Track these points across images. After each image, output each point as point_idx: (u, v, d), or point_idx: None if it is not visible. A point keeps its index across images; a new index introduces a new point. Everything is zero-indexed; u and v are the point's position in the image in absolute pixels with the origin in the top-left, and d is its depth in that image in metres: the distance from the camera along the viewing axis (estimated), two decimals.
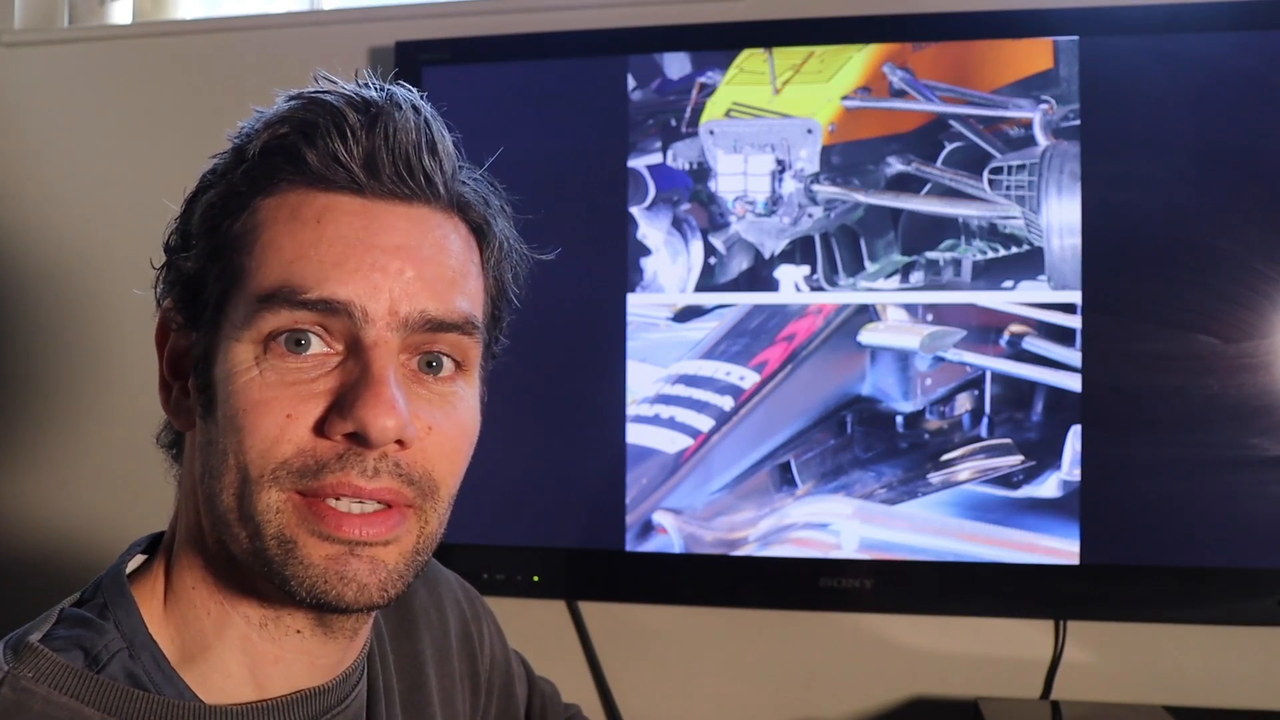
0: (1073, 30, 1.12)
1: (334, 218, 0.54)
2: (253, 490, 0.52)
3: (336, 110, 0.54)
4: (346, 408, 0.51)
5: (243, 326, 0.53)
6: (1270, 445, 1.07)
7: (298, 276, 0.52)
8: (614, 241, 1.20)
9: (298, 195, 0.54)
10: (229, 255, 0.55)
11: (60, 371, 1.42)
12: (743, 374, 1.18)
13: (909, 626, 1.20)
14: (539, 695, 0.82)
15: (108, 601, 0.56)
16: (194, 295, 0.57)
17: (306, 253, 0.53)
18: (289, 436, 0.52)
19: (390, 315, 0.53)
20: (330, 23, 1.39)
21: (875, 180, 1.16)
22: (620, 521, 1.20)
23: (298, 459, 0.52)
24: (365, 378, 0.52)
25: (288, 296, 0.52)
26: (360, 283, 0.52)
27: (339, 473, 0.52)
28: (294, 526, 0.52)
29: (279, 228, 0.54)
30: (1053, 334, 1.12)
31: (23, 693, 0.51)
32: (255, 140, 0.55)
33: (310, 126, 0.54)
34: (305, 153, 0.54)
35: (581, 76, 1.23)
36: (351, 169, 0.54)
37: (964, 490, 1.13)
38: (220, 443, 0.53)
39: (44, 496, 1.41)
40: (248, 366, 0.53)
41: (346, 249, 0.53)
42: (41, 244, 1.43)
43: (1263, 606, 1.07)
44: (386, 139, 0.54)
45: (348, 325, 0.53)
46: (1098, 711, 1.11)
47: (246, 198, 0.55)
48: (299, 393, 0.52)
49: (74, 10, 1.51)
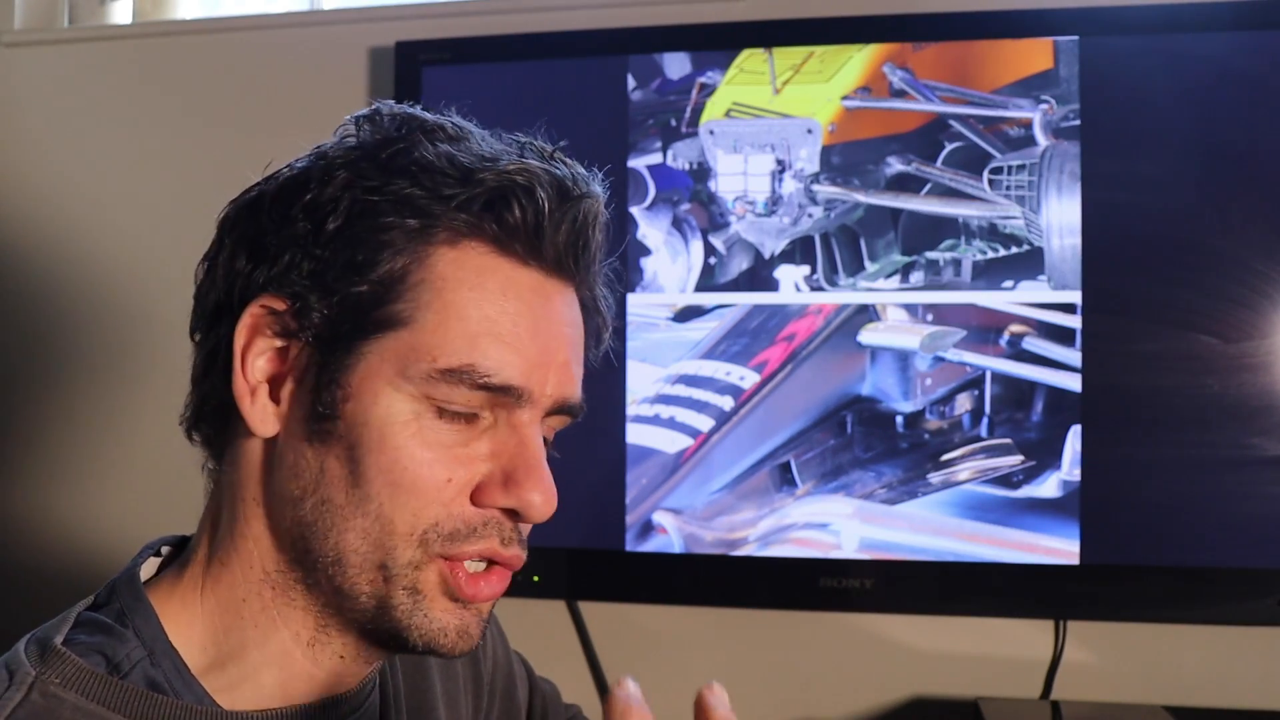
0: (1073, 30, 1.12)
1: (517, 293, 0.55)
2: (397, 544, 0.53)
3: (540, 179, 0.54)
4: (511, 485, 0.54)
5: (409, 380, 0.53)
6: (1270, 445, 1.07)
7: (481, 356, 0.53)
8: (614, 241, 1.20)
9: (480, 257, 0.54)
10: (395, 295, 0.54)
11: (60, 371, 1.42)
12: (743, 374, 1.18)
13: (909, 626, 1.20)
14: (540, 696, 0.82)
15: (125, 607, 0.56)
16: (332, 313, 0.54)
17: (491, 329, 0.54)
18: (444, 500, 0.53)
19: (544, 397, 0.56)
20: (330, 23, 1.39)
21: (875, 180, 1.16)
22: (620, 521, 1.20)
23: (449, 524, 0.53)
24: (524, 457, 0.54)
25: (471, 378, 0.53)
26: (532, 367, 0.54)
27: (485, 540, 0.54)
28: (430, 585, 0.54)
29: (463, 293, 0.54)
30: (1053, 334, 1.12)
31: (52, 698, 0.51)
32: (469, 187, 0.54)
33: (522, 190, 0.54)
34: (508, 214, 0.54)
35: (581, 76, 1.23)
36: (543, 241, 0.55)
37: (964, 490, 1.13)
38: (362, 488, 0.53)
39: (60, 502, 1.41)
40: (407, 420, 0.53)
41: (526, 333, 0.54)
42: (42, 244, 1.43)
43: (1263, 606, 1.07)
44: (574, 219, 0.56)
45: (505, 400, 0.54)
46: (1098, 711, 1.11)
47: (423, 244, 0.54)
48: (456, 456, 0.54)
49: (74, 10, 1.51)
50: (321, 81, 1.36)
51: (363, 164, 0.55)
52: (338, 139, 0.58)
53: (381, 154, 0.55)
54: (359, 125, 0.58)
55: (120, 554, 0.62)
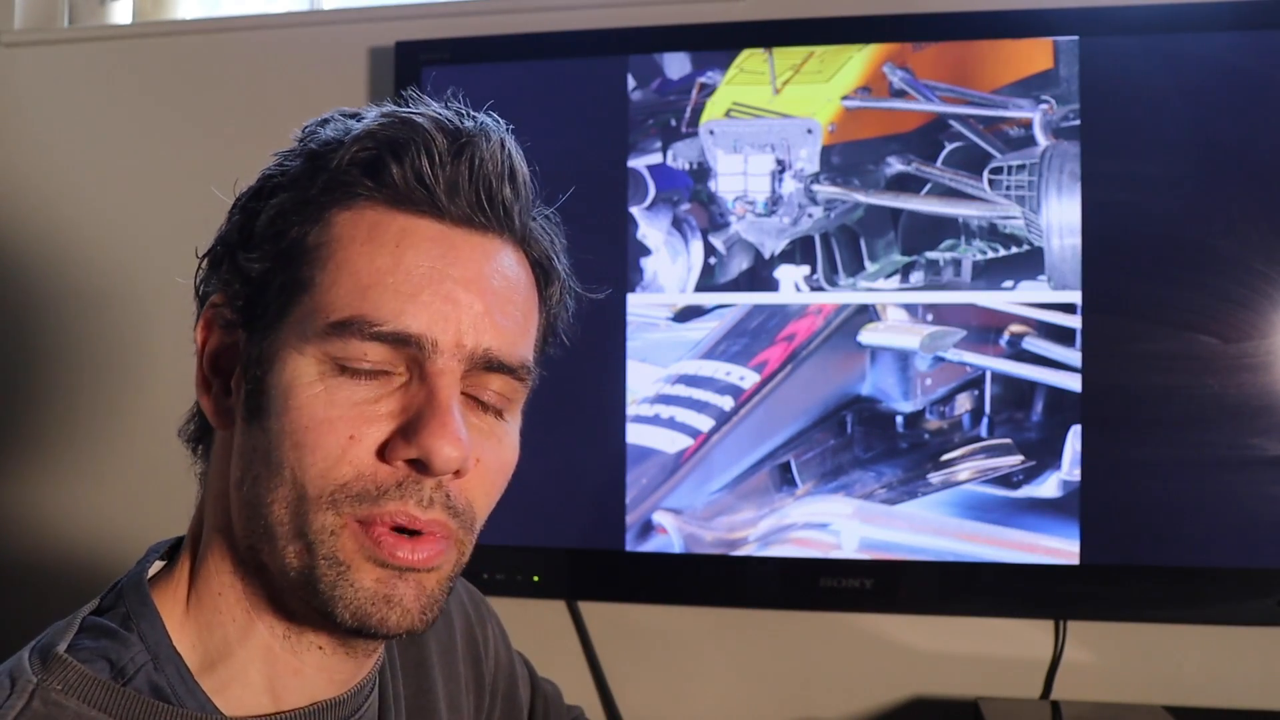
0: (1073, 30, 1.12)
1: (412, 242, 0.54)
2: (309, 509, 0.52)
3: (426, 132, 0.54)
4: (412, 434, 0.52)
5: (308, 341, 0.53)
6: (1270, 445, 1.07)
7: (371, 307, 0.52)
8: (614, 241, 1.20)
9: (376, 213, 0.54)
10: (297, 264, 0.54)
11: (64, 373, 1.42)
12: (743, 374, 1.18)
13: (909, 626, 1.20)
14: (542, 698, 0.82)
15: (130, 611, 0.56)
16: (252, 296, 0.55)
17: (383, 280, 0.53)
18: (350, 458, 0.52)
19: (457, 347, 0.53)
20: (330, 23, 1.39)
21: (875, 180, 1.16)
22: (620, 521, 1.20)
23: (357, 483, 0.52)
24: (431, 405, 0.52)
25: (361, 328, 0.52)
26: (434, 315, 0.53)
27: (397, 501, 0.52)
28: (349, 551, 0.52)
29: (355, 248, 0.54)
30: (1053, 334, 1.12)
31: (53, 706, 0.51)
32: (342, 151, 0.55)
33: (399, 144, 0.54)
34: (390, 169, 0.54)
35: (581, 76, 1.23)
36: (434, 191, 0.54)
37: (964, 490, 1.13)
38: (275, 455, 0.53)
39: (59, 502, 1.41)
40: (311, 381, 0.53)
41: (422, 280, 0.53)
42: (42, 244, 1.43)
43: (1263, 606, 1.07)
44: (471, 165, 0.55)
45: (414, 353, 0.53)
46: (1098, 711, 1.11)
47: (322, 208, 0.55)
48: (362, 414, 0.52)
49: (74, 10, 1.51)
50: (321, 81, 1.36)
51: (283, 155, 0.58)
52: None
53: (304, 143, 0.57)
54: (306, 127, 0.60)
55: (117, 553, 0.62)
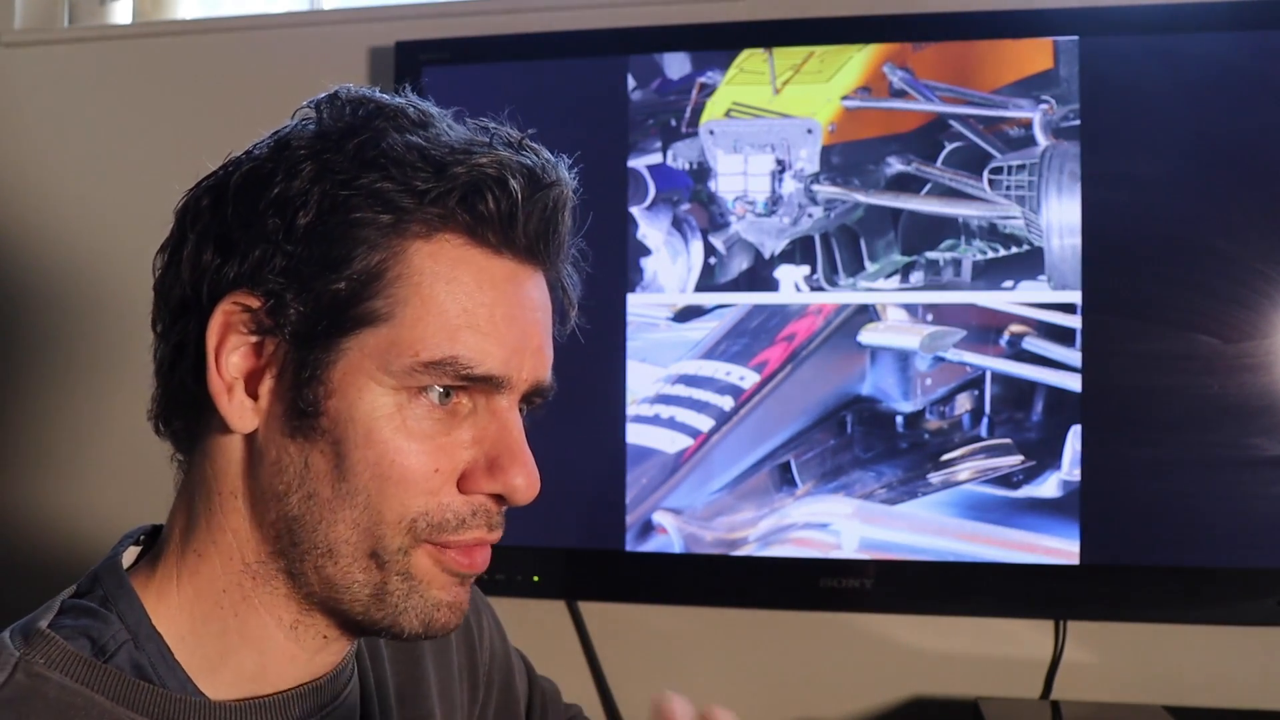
0: (1073, 30, 1.12)
1: (493, 283, 0.56)
2: (385, 533, 0.54)
3: (510, 169, 0.55)
4: (496, 471, 0.55)
5: (393, 375, 0.54)
6: (1270, 445, 1.07)
7: (464, 349, 0.54)
8: (614, 241, 1.20)
9: (456, 249, 0.55)
10: (373, 292, 0.54)
11: (60, 370, 1.42)
12: (743, 374, 1.18)
13: (909, 626, 1.20)
14: (540, 692, 0.82)
15: (108, 594, 0.56)
16: (308, 311, 0.54)
17: (471, 321, 0.54)
18: (432, 490, 0.54)
19: (521, 382, 0.57)
20: (330, 23, 1.39)
21: (875, 180, 1.16)
22: (620, 521, 1.20)
23: (437, 513, 0.55)
24: (507, 442, 0.56)
25: (454, 370, 0.54)
26: (508, 354, 0.55)
27: (474, 529, 0.56)
28: (423, 567, 0.55)
29: (439, 286, 0.54)
30: (1053, 334, 1.12)
31: (36, 678, 0.51)
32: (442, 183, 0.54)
33: (494, 182, 0.54)
34: (480, 206, 0.54)
35: (581, 76, 1.23)
36: (514, 231, 0.55)
37: (964, 490, 1.13)
38: (349, 481, 0.54)
39: (45, 493, 1.41)
40: (391, 414, 0.54)
41: (502, 320, 0.55)
42: (42, 243, 1.43)
43: (1263, 606, 1.07)
44: (544, 206, 0.57)
45: (486, 388, 0.56)
46: (1098, 711, 1.11)
47: (401, 236, 0.54)
48: (441, 446, 0.55)
49: (74, 10, 1.51)
50: (321, 81, 1.35)
51: (329, 155, 0.54)
52: (297, 124, 0.58)
53: (348, 144, 0.55)
54: (319, 110, 0.58)
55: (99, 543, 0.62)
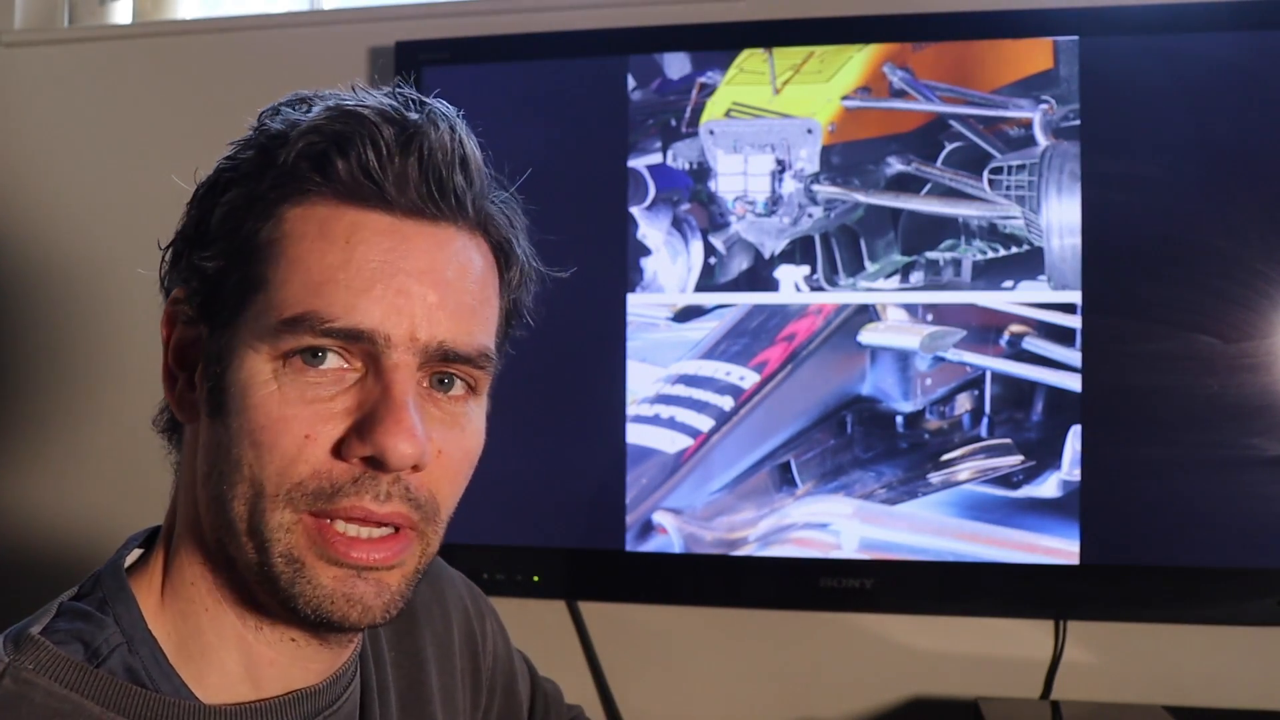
0: (1073, 30, 1.12)
1: (363, 237, 0.53)
2: (266, 507, 0.52)
3: (371, 123, 0.53)
4: (366, 431, 0.52)
5: (262, 339, 0.53)
6: (1270, 445, 1.07)
7: (323, 303, 0.52)
8: (614, 241, 1.20)
9: (326, 209, 0.54)
10: (251, 261, 0.54)
11: (60, 369, 1.42)
12: (743, 374, 1.18)
13: (909, 626, 1.20)
14: (542, 695, 0.82)
15: (107, 596, 0.56)
16: (210, 292, 0.56)
17: (334, 276, 0.52)
18: (306, 457, 0.52)
19: (411, 340, 0.53)
20: (330, 23, 1.39)
21: (875, 180, 1.16)
22: (620, 521, 1.20)
23: (313, 480, 0.52)
24: (385, 401, 0.52)
25: (313, 324, 0.52)
26: (385, 309, 0.52)
27: (353, 496, 0.52)
28: (303, 548, 0.53)
29: (306, 244, 0.53)
30: (1053, 334, 1.12)
31: (24, 684, 0.51)
32: (288, 147, 0.54)
33: (344, 138, 0.53)
34: (337, 164, 0.53)
35: (581, 76, 1.23)
36: (383, 184, 0.53)
37: (964, 490, 1.13)
38: (234, 452, 0.53)
39: (43, 493, 1.41)
40: (266, 379, 0.52)
41: (373, 275, 0.52)
42: (41, 243, 1.43)
43: (1263, 606, 1.07)
44: (420, 156, 0.53)
45: (369, 349, 0.53)
46: (1098, 711, 1.11)
47: (273, 204, 0.54)
48: (317, 411, 0.52)
49: (74, 10, 1.51)
50: (321, 81, 1.33)
51: (236, 147, 0.57)
52: None
53: (254, 135, 0.57)
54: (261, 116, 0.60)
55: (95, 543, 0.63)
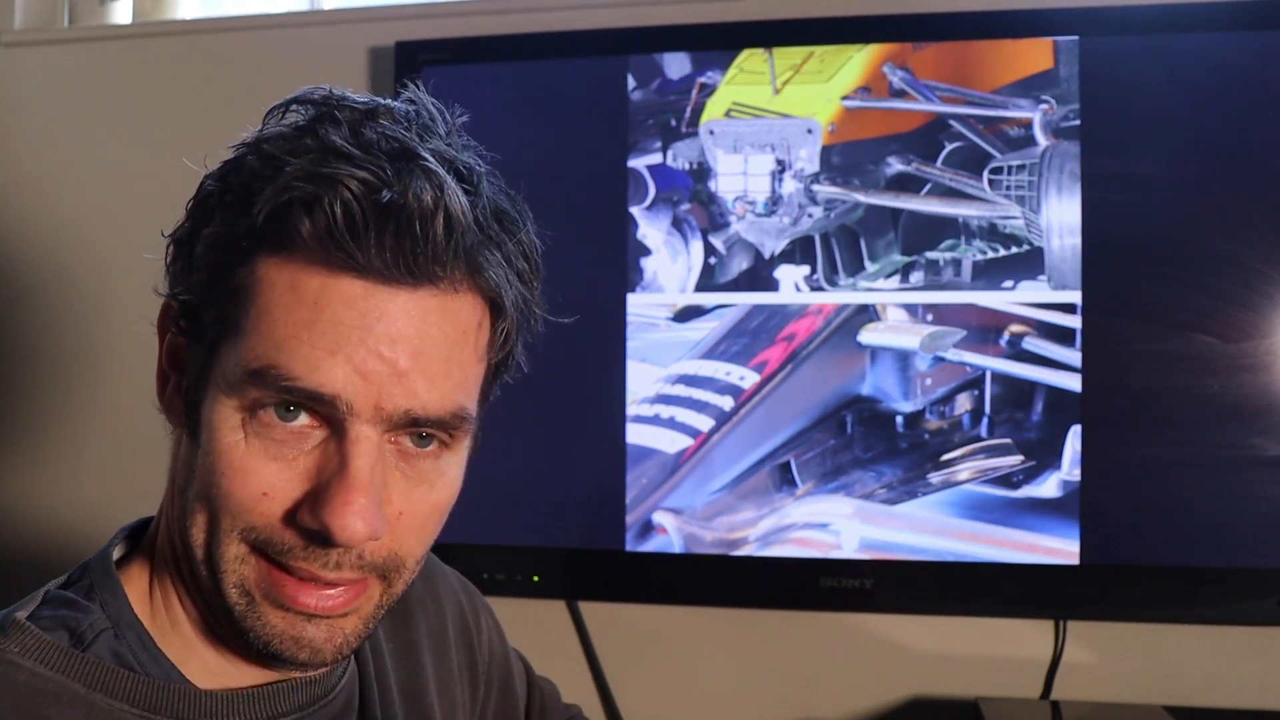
0: (1073, 30, 1.12)
1: (330, 300, 0.50)
2: (221, 538, 0.52)
3: (340, 184, 0.49)
4: (317, 506, 0.50)
5: (230, 388, 0.51)
6: (1270, 445, 1.07)
7: (285, 360, 0.50)
8: (614, 241, 1.20)
9: (298, 265, 0.51)
10: (226, 303, 0.52)
11: (56, 368, 1.42)
12: (743, 374, 1.18)
13: (909, 626, 1.20)
14: (539, 693, 0.82)
15: (94, 583, 0.56)
16: (192, 318, 0.55)
17: (300, 334, 0.50)
18: (261, 511, 0.51)
19: (375, 411, 0.50)
20: (330, 23, 1.39)
21: (875, 180, 1.16)
22: (620, 521, 1.20)
23: (264, 533, 0.52)
24: (340, 477, 0.50)
25: (274, 380, 0.50)
26: (349, 378, 0.50)
27: (301, 560, 0.52)
28: (252, 582, 0.53)
29: (275, 297, 0.51)
30: (1053, 334, 1.12)
31: (7, 665, 0.51)
32: (262, 201, 0.50)
33: (314, 199, 0.49)
34: (304, 226, 0.49)
35: (581, 76, 1.23)
36: (352, 251, 0.49)
37: (964, 490, 1.13)
38: (201, 482, 0.53)
39: (39, 489, 1.41)
40: (233, 427, 0.52)
41: (340, 339, 0.50)
42: (41, 243, 1.43)
43: (1263, 606, 1.07)
44: (396, 218, 0.49)
45: (332, 413, 0.51)
46: (1098, 711, 1.11)
47: (248, 252, 0.52)
48: (278, 470, 0.51)
49: (74, 10, 1.51)
50: (321, 81, 1.35)
51: (230, 163, 0.55)
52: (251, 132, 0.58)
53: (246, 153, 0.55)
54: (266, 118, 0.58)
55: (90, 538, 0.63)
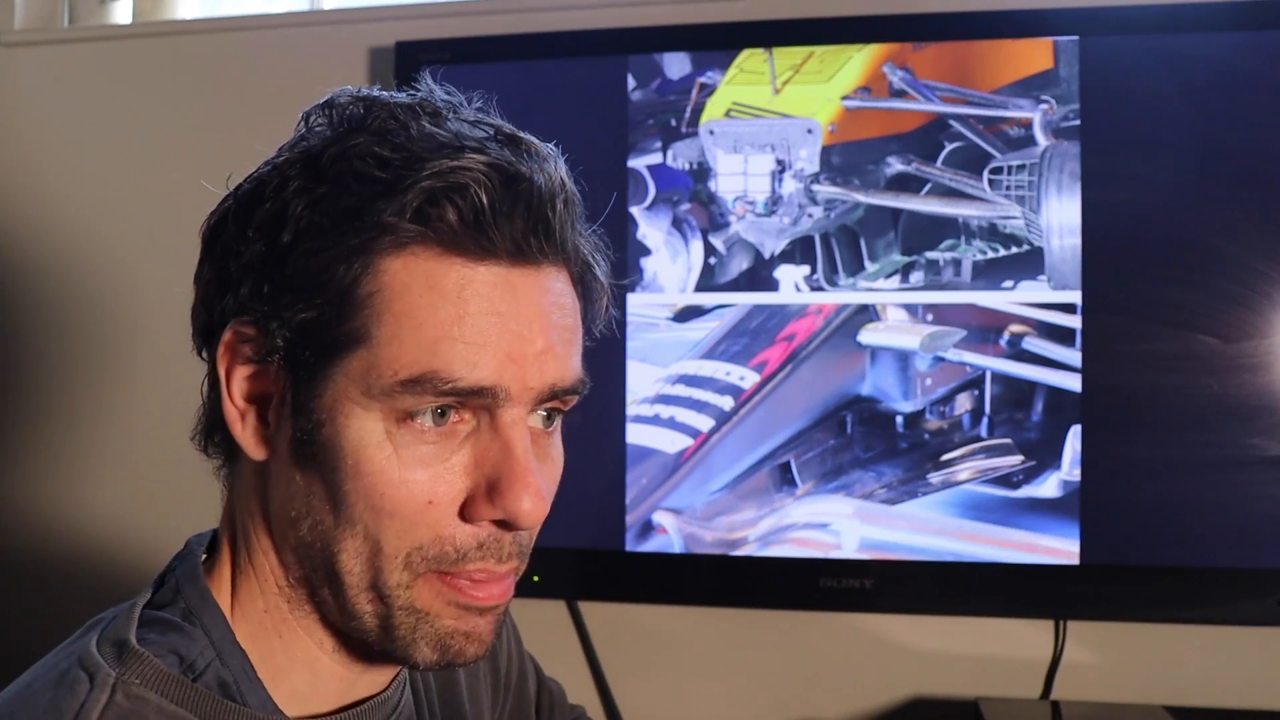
0: (1073, 30, 1.12)
1: (475, 291, 0.51)
2: (385, 565, 0.52)
3: (479, 173, 0.51)
4: (495, 495, 0.52)
5: (374, 398, 0.51)
6: (1270, 445, 1.07)
7: (442, 362, 0.50)
8: (614, 241, 1.20)
9: (430, 260, 0.51)
10: (348, 313, 0.51)
11: (60, 369, 1.41)
12: (743, 374, 1.18)
13: (909, 626, 1.20)
14: (548, 694, 0.83)
15: (190, 606, 0.56)
16: (294, 338, 0.52)
17: (449, 333, 0.51)
18: (429, 522, 0.52)
19: (524, 390, 0.52)
20: (330, 23, 1.39)
21: (875, 180, 1.16)
22: (620, 521, 1.20)
23: (435, 546, 0.52)
24: (509, 462, 0.52)
25: (435, 385, 0.50)
26: (501, 363, 0.51)
27: (477, 561, 0.53)
28: (426, 600, 0.53)
29: (414, 299, 0.51)
30: (1053, 334, 1.12)
31: (137, 700, 0.51)
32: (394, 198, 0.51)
33: (453, 189, 0.50)
34: (447, 217, 0.51)
35: (581, 76, 1.23)
36: (491, 234, 0.51)
37: (964, 490, 1.13)
38: (347, 511, 0.52)
39: (51, 494, 1.41)
40: (380, 441, 0.51)
41: (489, 329, 0.51)
42: (42, 243, 1.43)
43: (1263, 606, 1.07)
44: (527, 203, 0.52)
45: (485, 402, 0.52)
46: (1098, 711, 1.11)
47: (370, 254, 0.51)
48: (437, 474, 0.52)
49: (74, 10, 1.51)
50: (321, 81, 1.34)
51: (306, 173, 0.53)
52: (293, 139, 0.57)
53: (322, 159, 0.53)
54: (308, 120, 0.57)
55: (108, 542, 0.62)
